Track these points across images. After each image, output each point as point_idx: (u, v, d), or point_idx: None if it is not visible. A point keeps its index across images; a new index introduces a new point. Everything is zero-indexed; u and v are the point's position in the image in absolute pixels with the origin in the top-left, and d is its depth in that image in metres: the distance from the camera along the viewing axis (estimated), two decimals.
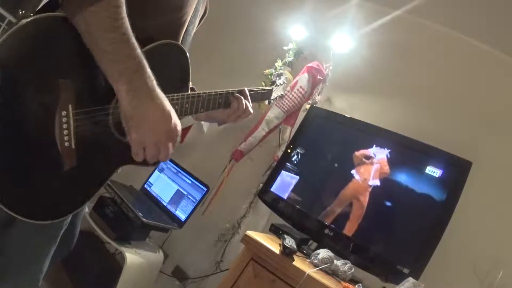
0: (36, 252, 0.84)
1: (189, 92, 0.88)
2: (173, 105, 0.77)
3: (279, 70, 2.07)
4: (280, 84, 1.21)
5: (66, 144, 0.67)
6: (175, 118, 0.74)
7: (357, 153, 1.55)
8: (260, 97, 1.10)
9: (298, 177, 1.66)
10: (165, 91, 0.74)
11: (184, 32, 0.91)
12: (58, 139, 0.66)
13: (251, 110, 0.99)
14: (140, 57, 0.67)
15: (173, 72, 0.82)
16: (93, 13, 0.61)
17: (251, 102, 1.01)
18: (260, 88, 1.10)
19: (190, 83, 1.05)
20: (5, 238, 0.78)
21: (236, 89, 0.98)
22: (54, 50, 0.64)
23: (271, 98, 1.17)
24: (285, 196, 1.63)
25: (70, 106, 0.66)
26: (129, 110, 0.68)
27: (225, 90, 0.94)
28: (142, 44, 0.70)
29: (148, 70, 0.69)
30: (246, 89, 1.00)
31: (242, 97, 0.96)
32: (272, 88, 1.15)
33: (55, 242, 0.86)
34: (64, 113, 0.65)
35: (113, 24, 0.63)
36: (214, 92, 0.92)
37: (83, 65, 0.67)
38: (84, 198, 0.77)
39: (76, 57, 0.67)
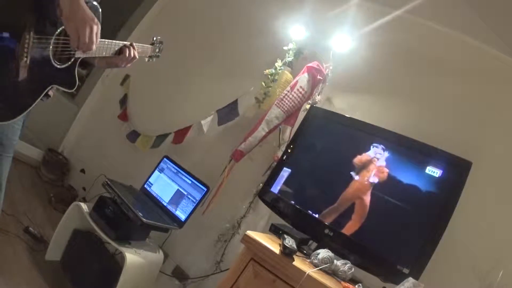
0: None
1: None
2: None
3: (279, 69, 2.07)
4: (157, 45, 1.44)
5: (25, 59, 0.93)
6: (94, 17, 0.99)
7: (356, 160, 1.55)
8: (141, 52, 1.34)
9: (298, 177, 1.66)
10: None
11: None
12: (20, 55, 0.91)
13: (137, 56, 1.26)
14: None
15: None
16: None
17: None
18: (142, 44, 1.37)
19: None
20: None
21: (127, 42, 1.23)
22: None
23: (148, 55, 1.43)
24: (285, 196, 1.63)
25: (31, 32, 0.92)
26: (67, 12, 0.94)
27: (116, 41, 1.18)
28: None
29: None
30: (133, 43, 1.26)
31: (131, 47, 1.23)
32: (150, 47, 1.41)
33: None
34: (27, 36, 0.91)
35: None
36: (111, 41, 1.15)
37: (43, 4, 0.95)
38: (24, 107, 1.01)
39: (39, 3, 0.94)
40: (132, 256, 1.62)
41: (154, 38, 1.44)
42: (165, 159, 2.18)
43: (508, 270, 1.33)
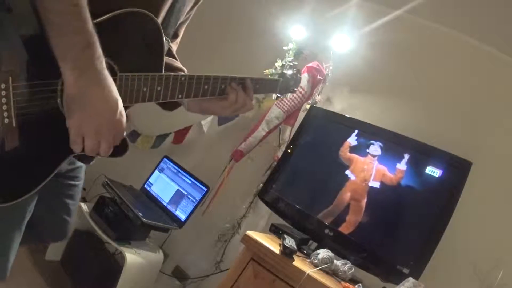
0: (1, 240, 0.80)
1: (163, 73, 0.76)
2: (139, 86, 0.70)
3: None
4: (291, 77, 1.05)
5: (6, 121, 0.61)
6: (121, 109, 0.67)
7: (341, 152, 1.55)
8: (263, 89, 0.95)
9: (298, 177, 1.66)
10: (129, 68, 0.67)
11: (170, 7, 0.80)
12: None
13: (252, 104, 0.87)
14: (91, 33, 0.60)
15: (140, 47, 0.71)
16: None
17: (255, 93, 0.89)
18: (265, 78, 0.96)
19: (186, 72, 0.95)
20: None
21: (237, 76, 0.85)
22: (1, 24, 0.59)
23: (278, 92, 1.02)
24: (285, 196, 1.63)
25: (10, 78, 0.60)
26: (72, 91, 0.62)
27: (213, 75, 0.81)
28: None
29: (99, 50, 0.62)
30: (248, 79, 0.87)
31: (241, 89, 0.85)
32: (279, 79, 1.00)
33: (19, 231, 0.83)
34: (3, 85, 0.59)
35: None
36: (198, 75, 0.79)
37: (32, 41, 0.61)
38: (37, 180, 0.71)
39: (24, 31, 0.61)
40: (132, 256, 1.62)
41: (287, 67, 1.04)
42: (165, 159, 2.18)
43: (508, 270, 1.33)
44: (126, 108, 0.72)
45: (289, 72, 1.04)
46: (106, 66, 0.64)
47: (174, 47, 1.02)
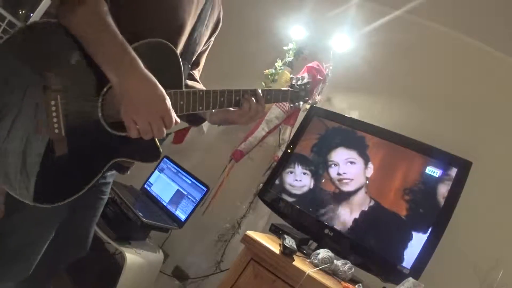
0: (33, 239, 0.89)
1: (183, 89, 0.88)
2: None
3: (279, 69, 2.06)
4: (301, 87, 1.08)
5: (56, 131, 0.74)
6: (162, 94, 0.77)
7: (350, 160, 1.55)
8: (275, 98, 1.04)
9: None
10: None
11: (188, 39, 0.95)
12: (50, 126, 0.74)
13: (265, 113, 0.98)
14: (126, 44, 0.75)
15: (162, 72, 0.82)
16: (79, 13, 0.72)
17: (266, 102, 0.99)
18: (276, 89, 1.05)
19: (200, 85, 1.08)
20: (7, 226, 0.86)
21: (248, 89, 0.95)
22: (49, 50, 0.74)
23: (290, 99, 1.08)
24: (285, 196, 1.63)
25: (58, 96, 0.74)
26: (120, 91, 0.74)
27: (228, 89, 0.92)
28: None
29: (133, 53, 0.75)
30: (259, 90, 0.97)
31: (253, 99, 0.94)
32: (289, 90, 1.07)
33: (50, 233, 0.91)
34: (53, 102, 0.73)
35: (96, 18, 0.73)
36: (214, 90, 0.90)
37: (74, 62, 0.76)
38: (79, 186, 0.81)
39: (67, 55, 0.75)
40: (132, 256, 1.62)
41: (295, 79, 1.09)
42: (165, 159, 2.18)
43: (508, 270, 1.33)
44: None
45: (298, 82, 1.09)
46: None
47: (197, 74, 1.16)
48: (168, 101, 0.78)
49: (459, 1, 1.67)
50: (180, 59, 0.89)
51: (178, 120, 0.80)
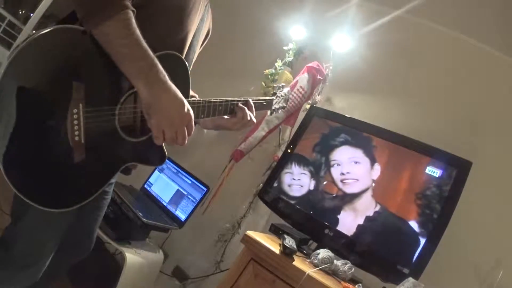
0: (40, 246, 0.90)
1: (189, 99, 0.94)
2: None
3: (279, 69, 2.06)
4: (281, 95, 1.25)
5: (76, 138, 0.77)
6: (187, 105, 0.84)
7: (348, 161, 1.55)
8: (260, 107, 1.16)
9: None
10: None
11: (188, 48, 1.00)
12: (70, 133, 0.75)
13: (254, 120, 1.07)
14: (152, 56, 0.78)
15: (173, 78, 0.85)
16: (109, 26, 0.73)
17: (257, 110, 1.10)
18: (262, 98, 1.17)
19: (192, 92, 1.11)
20: (14, 233, 0.87)
21: (241, 98, 1.05)
22: (70, 57, 0.74)
23: (272, 109, 1.23)
24: (285, 196, 1.63)
25: (81, 105, 0.75)
26: (148, 100, 0.79)
27: (224, 98, 1.01)
28: None
29: (160, 67, 0.79)
30: (250, 100, 1.07)
31: (246, 108, 1.04)
32: (273, 99, 1.22)
33: (57, 238, 0.92)
34: (75, 110, 0.75)
35: (126, 32, 0.75)
36: (214, 100, 0.99)
37: (95, 71, 0.78)
38: (91, 191, 0.84)
39: (89, 64, 0.77)
40: (132, 256, 1.62)
41: (277, 88, 1.24)
42: None
43: (508, 270, 1.33)
44: None
45: (281, 92, 1.24)
46: None
47: None
48: (191, 112, 0.85)
49: (459, 1, 1.67)
50: (189, 70, 0.96)
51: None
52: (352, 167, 1.55)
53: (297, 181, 1.64)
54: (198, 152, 2.36)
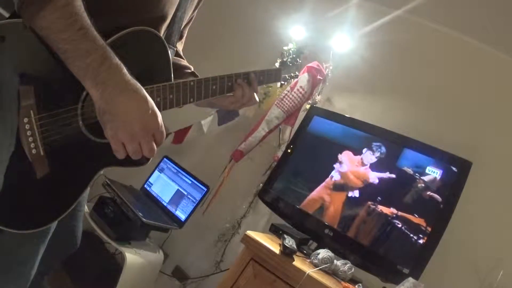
0: (25, 256, 0.83)
1: (172, 82, 0.81)
2: (152, 97, 0.72)
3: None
4: (291, 63, 1.10)
5: (34, 151, 0.65)
6: (152, 107, 0.68)
7: (346, 160, 1.55)
8: (267, 80, 0.99)
9: (297, 177, 1.66)
10: (140, 83, 0.69)
11: (171, 20, 0.86)
12: (25, 147, 0.64)
13: (257, 99, 0.92)
14: (104, 49, 0.64)
15: (148, 62, 0.76)
16: (43, 18, 0.59)
17: (259, 85, 0.94)
18: (267, 69, 1.00)
19: (192, 69, 1.02)
20: None
21: (241, 72, 0.89)
22: (11, 57, 0.63)
23: (281, 79, 1.06)
24: (285, 196, 1.63)
25: (31, 111, 0.63)
26: (101, 105, 0.64)
27: (219, 75, 0.86)
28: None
29: (116, 61, 0.65)
30: (252, 74, 0.90)
31: (246, 85, 0.89)
32: (281, 68, 1.07)
33: (43, 244, 0.85)
34: (26, 119, 0.63)
35: (65, 23, 0.60)
36: (205, 78, 0.83)
37: (45, 69, 0.66)
38: (67, 203, 0.75)
39: (37, 62, 0.65)
40: (132, 256, 1.62)
41: (286, 54, 1.08)
42: (165, 159, 2.18)
43: (508, 270, 1.33)
44: None
45: (289, 59, 1.06)
46: None
47: (180, 46, 1.07)
48: (160, 117, 0.70)
49: (459, 1, 1.66)
50: (167, 46, 0.81)
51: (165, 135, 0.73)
52: (352, 167, 1.55)
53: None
54: (198, 152, 2.36)
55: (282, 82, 1.08)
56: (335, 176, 1.57)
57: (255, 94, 0.91)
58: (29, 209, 0.70)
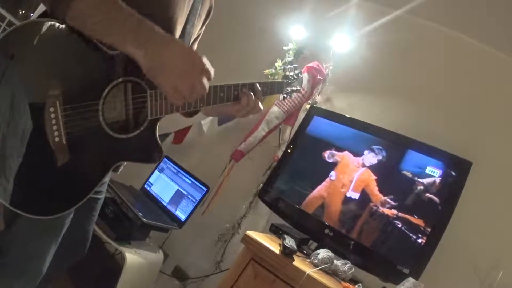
0: (36, 251, 0.86)
1: None
2: (167, 100, 0.78)
3: (279, 69, 2.05)
4: (293, 77, 1.11)
5: (57, 139, 0.70)
6: (192, 49, 0.75)
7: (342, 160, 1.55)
8: (270, 91, 1.02)
9: (297, 177, 1.66)
10: (154, 86, 0.76)
11: (181, 33, 0.92)
12: (49, 135, 0.69)
13: (261, 107, 0.95)
14: (133, 14, 0.68)
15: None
16: (75, 8, 0.65)
17: (263, 95, 0.97)
18: (270, 81, 1.05)
19: None
20: (7, 237, 0.82)
21: (246, 82, 0.93)
22: (44, 52, 0.68)
23: (284, 92, 1.09)
24: (285, 196, 1.63)
25: (57, 102, 0.69)
26: (146, 63, 0.70)
27: (226, 83, 0.90)
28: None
29: (147, 21, 0.70)
30: (257, 84, 0.95)
31: (251, 93, 0.92)
32: (283, 81, 1.08)
33: (56, 241, 0.88)
34: (51, 109, 0.69)
35: (97, 2, 0.66)
36: (214, 86, 0.87)
37: (71, 65, 0.71)
38: (82, 194, 0.78)
39: (64, 58, 0.70)
40: (132, 256, 1.62)
41: (288, 69, 1.10)
42: (165, 159, 2.18)
43: (508, 270, 1.33)
44: (158, 119, 0.84)
45: (291, 73, 1.10)
46: (135, 85, 0.76)
47: None
48: (198, 54, 0.74)
49: (459, 1, 1.66)
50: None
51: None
52: (352, 167, 1.55)
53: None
54: (198, 152, 2.36)
55: (284, 96, 1.10)
56: (334, 176, 1.57)
57: (259, 102, 0.95)
58: (47, 195, 0.74)
